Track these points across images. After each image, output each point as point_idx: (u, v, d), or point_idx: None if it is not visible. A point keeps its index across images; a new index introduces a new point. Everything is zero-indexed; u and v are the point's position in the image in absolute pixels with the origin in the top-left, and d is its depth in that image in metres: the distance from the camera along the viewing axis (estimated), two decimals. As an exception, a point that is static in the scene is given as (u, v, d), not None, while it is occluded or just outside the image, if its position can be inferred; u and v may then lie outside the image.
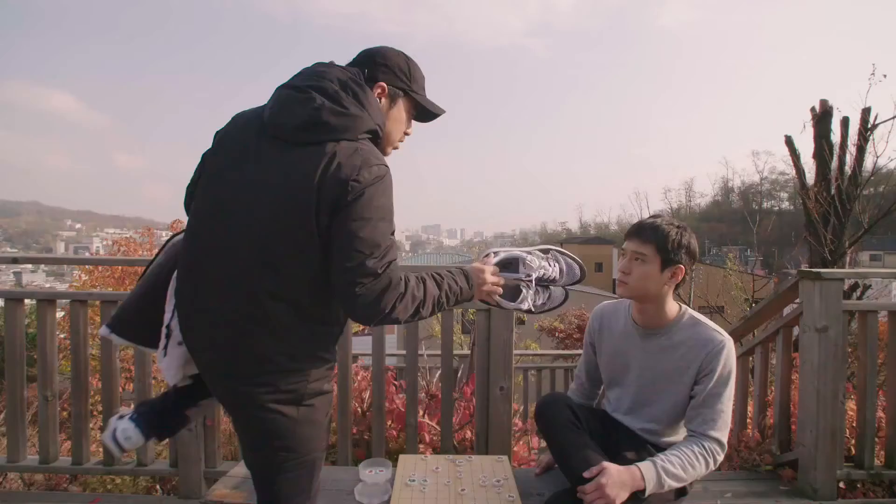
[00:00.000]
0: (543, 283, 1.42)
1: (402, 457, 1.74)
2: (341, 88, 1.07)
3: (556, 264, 1.44)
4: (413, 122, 1.26)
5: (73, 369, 2.14)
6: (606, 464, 1.28)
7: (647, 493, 1.27)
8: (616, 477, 1.25)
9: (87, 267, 7.84)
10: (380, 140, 1.14)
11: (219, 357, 1.11)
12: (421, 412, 2.38)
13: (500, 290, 1.31)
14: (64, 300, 2.38)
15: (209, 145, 1.19)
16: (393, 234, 1.07)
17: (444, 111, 1.27)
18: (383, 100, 1.17)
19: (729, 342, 1.39)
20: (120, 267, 7.37)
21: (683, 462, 1.30)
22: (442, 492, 1.51)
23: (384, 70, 1.16)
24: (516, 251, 1.39)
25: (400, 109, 1.20)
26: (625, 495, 1.24)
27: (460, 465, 1.69)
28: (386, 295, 1.02)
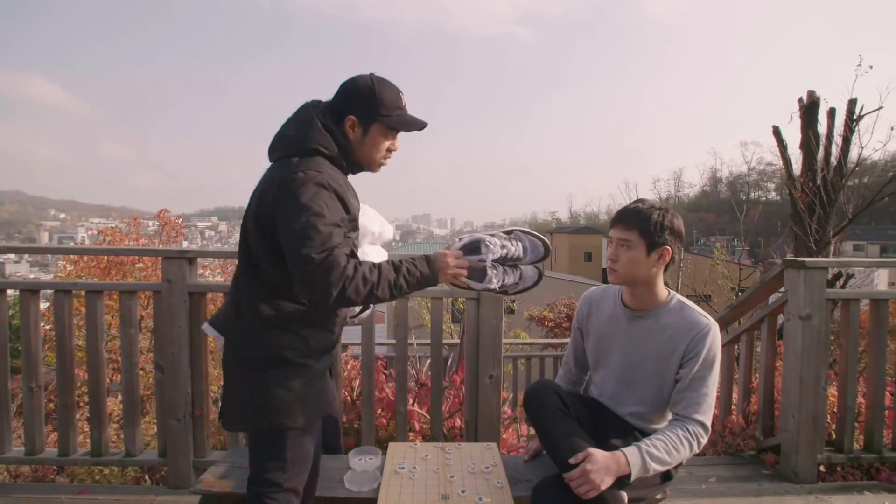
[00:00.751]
0: (509, 262, 1.48)
1: (391, 445, 1.75)
2: (294, 118, 1.33)
3: (519, 243, 1.49)
4: (398, 135, 1.39)
5: (59, 360, 2.11)
6: (592, 450, 1.29)
7: (633, 477, 1.28)
8: (601, 463, 1.26)
9: (72, 257, 7.73)
10: (337, 159, 1.31)
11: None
12: (411, 401, 2.39)
13: (465, 272, 1.38)
14: (48, 290, 2.35)
15: (197, 136, 1.21)
16: (336, 225, 1.21)
17: (423, 123, 1.38)
18: (356, 129, 1.34)
19: (714, 327, 1.41)
20: (106, 257, 7.26)
21: (668, 446, 1.32)
22: (431, 479, 1.52)
23: (352, 103, 1.33)
24: (479, 235, 1.44)
25: (374, 135, 1.34)
26: (610, 481, 1.26)
27: (449, 453, 1.70)
28: (331, 277, 1.15)
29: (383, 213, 1.67)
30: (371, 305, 1.57)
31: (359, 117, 1.32)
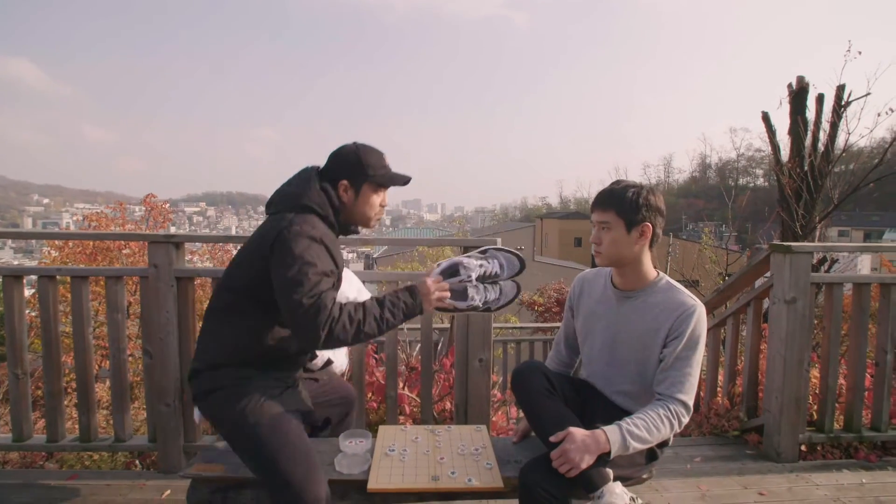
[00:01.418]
0: (488, 280, 1.58)
1: (381, 427, 1.76)
2: (297, 177, 1.49)
3: (495, 260, 1.60)
4: (387, 191, 1.56)
5: (45, 346, 2.09)
6: (572, 429, 1.31)
7: (613, 455, 1.30)
8: (580, 442, 1.28)
9: (57, 243, 7.60)
10: (329, 219, 1.45)
11: None
12: (401, 384, 2.41)
13: (447, 294, 1.48)
14: (32, 276, 2.31)
15: (182, 120, 1.22)
16: (325, 274, 1.32)
17: (407, 178, 1.57)
18: (349, 192, 1.49)
19: (700, 308, 1.42)
20: (92, 242, 7.15)
21: (648, 424, 1.34)
22: (421, 460, 1.54)
23: (342, 169, 1.49)
24: (455, 258, 1.56)
25: (366, 194, 1.51)
26: (590, 459, 1.27)
27: (439, 435, 1.71)
28: (318, 319, 1.25)
29: None
30: (330, 358, 1.72)
31: (350, 181, 1.48)
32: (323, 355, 1.69)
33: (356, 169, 1.48)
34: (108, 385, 2.50)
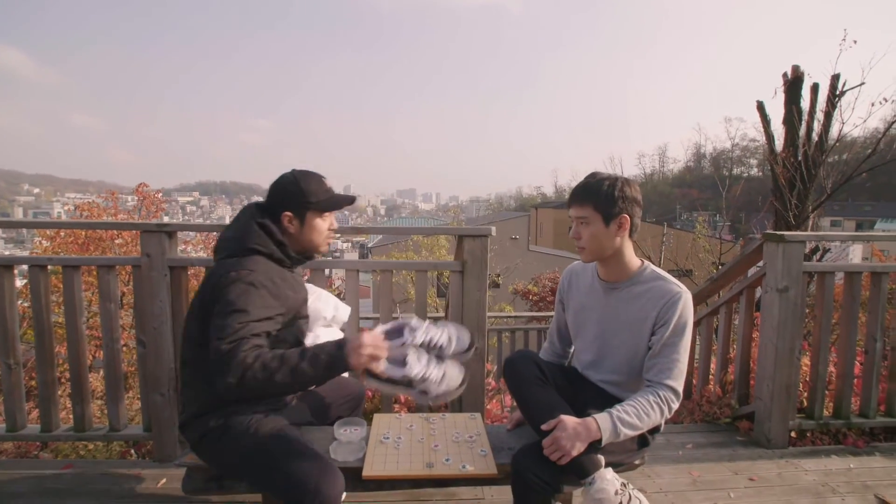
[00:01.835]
0: (433, 350, 1.41)
1: (376, 416, 1.77)
2: (235, 221, 1.48)
3: (445, 331, 1.45)
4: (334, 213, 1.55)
5: (37, 337, 2.08)
6: (563, 417, 1.33)
7: (604, 442, 1.31)
8: (571, 430, 1.30)
9: (48, 233, 7.53)
10: (276, 255, 1.44)
11: None
12: (396, 373, 2.41)
13: (383, 354, 1.30)
14: (23, 265, 2.28)
15: (176, 110, 1.20)
16: (257, 321, 1.29)
17: (352, 198, 1.58)
18: (294, 222, 1.48)
19: (685, 294, 1.42)
20: (84, 232, 7.09)
21: (638, 411, 1.35)
22: (416, 448, 1.55)
23: (283, 200, 1.47)
24: (403, 320, 1.46)
25: (311, 221, 1.49)
26: (581, 446, 1.29)
27: (434, 423, 1.72)
28: (230, 365, 1.22)
29: (368, 189, 1.75)
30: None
31: (293, 211, 1.47)
32: None
33: (297, 198, 1.46)
34: (102, 375, 2.50)
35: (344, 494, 1.30)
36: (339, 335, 1.84)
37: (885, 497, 1.91)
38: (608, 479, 1.27)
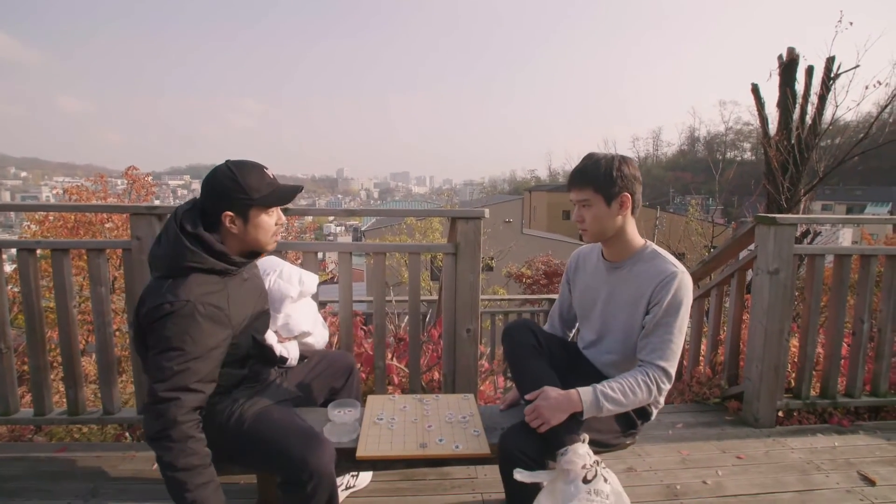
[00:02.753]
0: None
1: (369, 397, 1.77)
2: (164, 234, 1.30)
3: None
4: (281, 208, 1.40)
5: (27, 321, 2.06)
6: (547, 387, 1.35)
7: (585, 415, 1.33)
8: (553, 399, 1.32)
9: (37, 217, 7.43)
10: (216, 269, 1.29)
11: None
12: (389, 355, 2.42)
13: None
14: (11, 249, 2.25)
15: (166, 93, 1.15)
16: (197, 358, 1.21)
17: (298, 188, 1.42)
18: (237, 222, 1.33)
19: (682, 274, 1.42)
20: (73, 216, 7.01)
21: (624, 388, 1.36)
22: (409, 428, 1.56)
23: (222, 200, 1.31)
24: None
25: (256, 219, 1.34)
26: (562, 416, 1.31)
27: (427, 404, 1.74)
28: (159, 423, 1.17)
29: (361, 172, 1.70)
30: (302, 354, 1.70)
31: (235, 210, 1.32)
32: (293, 355, 1.66)
33: (237, 195, 1.30)
34: (95, 359, 2.49)
35: (352, 480, 1.28)
36: (312, 308, 1.82)
37: (867, 474, 1.96)
38: (580, 453, 1.26)
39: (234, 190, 1.30)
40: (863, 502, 1.80)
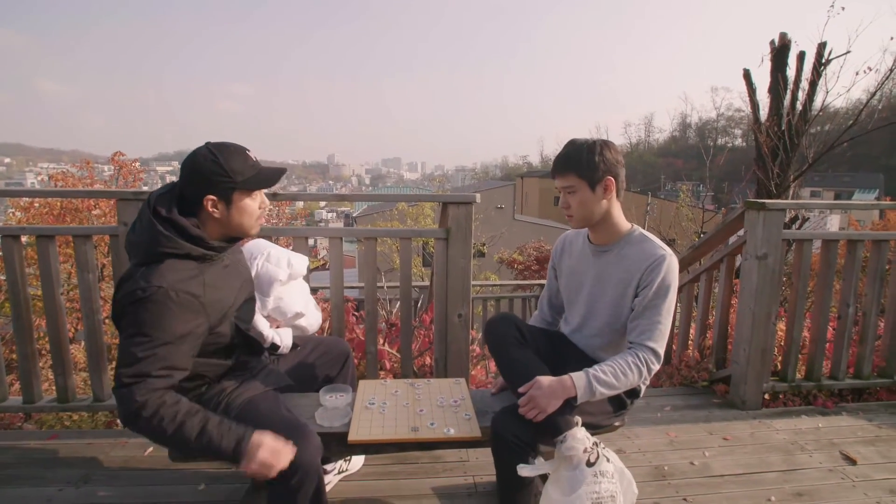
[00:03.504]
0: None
1: (361, 382, 1.78)
2: (138, 221, 1.26)
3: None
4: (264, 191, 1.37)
5: (14, 309, 2.04)
6: (539, 377, 1.36)
7: (579, 400, 1.34)
8: (546, 388, 1.33)
9: (22, 204, 7.31)
10: (193, 255, 1.26)
11: None
12: (381, 340, 2.43)
13: (278, 464, 1.22)
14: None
15: (154, 77, 1.12)
16: (167, 343, 1.19)
17: (282, 170, 1.37)
18: (219, 206, 1.28)
19: (670, 257, 1.44)
20: (59, 203, 6.90)
21: (616, 371, 1.37)
22: (401, 413, 1.57)
23: (204, 183, 1.26)
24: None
25: (239, 203, 1.30)
26: (557, 403, 1.31)
27: (419, 388, 1.75)
28: (125, 406, 1.16)
29: (353, 158, 1.67)
30: (295, 343, 1.68)
31: (217, 194, 1.27)
32: (285, 342, 1.65)
33: (220, 178, 1.25)
34: (84, 346, 2.47)
35: (345, 464, 1.26)
36: (303, 289, 1.81)
37: (849, 453, 2.01)
38: (579, 437, 1.29)
39: (217, 173, 1.25)
40: (844, 481, 1.84)
